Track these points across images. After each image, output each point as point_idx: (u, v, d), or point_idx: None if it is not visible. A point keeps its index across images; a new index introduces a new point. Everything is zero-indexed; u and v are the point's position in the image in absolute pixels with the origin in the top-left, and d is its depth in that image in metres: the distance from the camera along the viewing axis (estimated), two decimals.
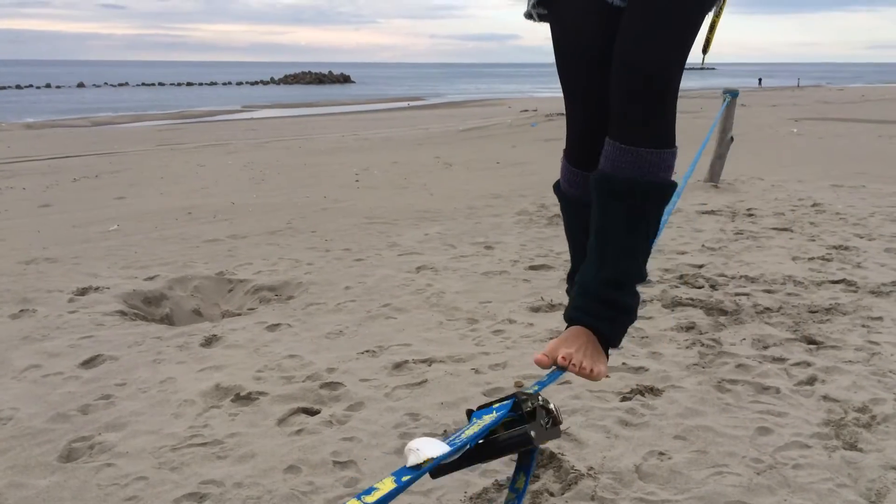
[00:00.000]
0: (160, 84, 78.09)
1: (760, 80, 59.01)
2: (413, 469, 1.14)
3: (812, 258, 5.43)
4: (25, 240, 6.91)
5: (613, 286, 1.68)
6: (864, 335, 3.88)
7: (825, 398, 3.15)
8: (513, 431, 1.35)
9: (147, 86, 75.23)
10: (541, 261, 5.53)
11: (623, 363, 3.55)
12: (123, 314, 4.60)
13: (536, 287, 4.88)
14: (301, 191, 9.42)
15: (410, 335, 4.05)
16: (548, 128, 19.42)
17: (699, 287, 4.78)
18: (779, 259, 5.43)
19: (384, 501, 1.03)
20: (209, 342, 4.05)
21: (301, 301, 4.76)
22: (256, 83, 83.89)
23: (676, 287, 4.73)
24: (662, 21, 1.60)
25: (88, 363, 3.77)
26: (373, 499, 1.03)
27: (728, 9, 2.03)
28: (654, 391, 3.25)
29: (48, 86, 67.80)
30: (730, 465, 2.65)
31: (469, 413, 1.40)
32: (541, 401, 1.39)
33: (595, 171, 1.71)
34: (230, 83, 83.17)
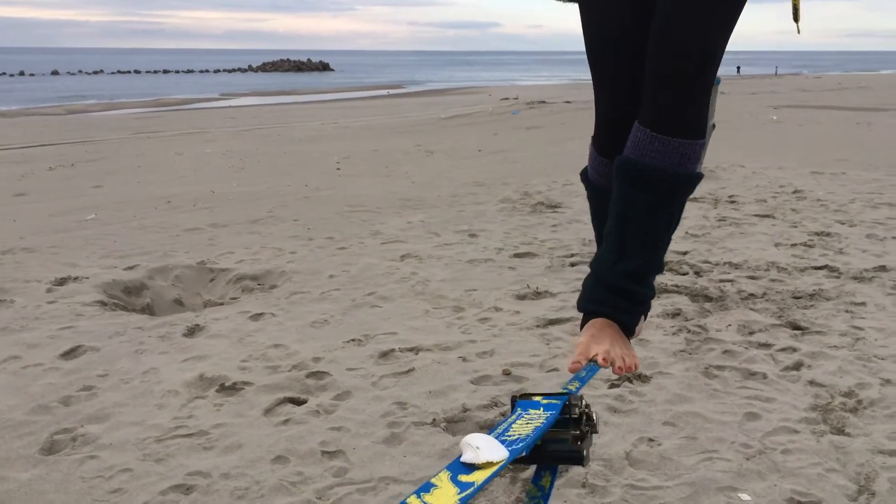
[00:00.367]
0: (136, 72, 77.02)
1: (739, 69, 59.22)
2: (468, 466, 1.07)
3: (794, 244, 5.46)
4: (1, 229, 6.79)
5: (633, 279, 1.61)
6: (848, 320, 3.90)
7: (811, 383, 3.17)
8: (565, 447, 1.31)
9: (122, 73, 74.21)
10: (525, 248, 5.51)
11: None
12: (103, 304, 4.53)
13: (522, 275, 4.86)
14: (282, 179, 9.33)
15: (396, 323, 4.02)
16: (529, 116, 19.40)
17: (684, 274, 4.79)
18: (762, 245, 5.46)
19: None
20: (192, 332, 4.00)
21: (284, 290, 4.71)
22: (234, 71, 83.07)
23: (661, 274, 4.73)
24: (705, 0, 1.49)
25: (69, 354, 3.70)
26: (434, 500, 0.97)
27: None
28: (642, 378, 3.25)
29: (22, 73, 66.63)
30: (719, 451, 2.65)
31: (513, 401, 1.35)
32: (585, 406, 1.33)
33: (620, 156, 1.60)
34: (207, 71, 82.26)
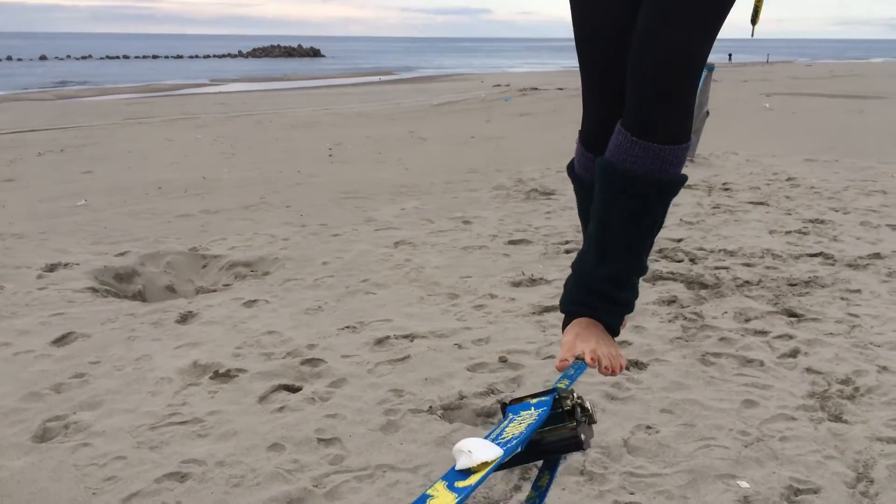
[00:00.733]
0: (125, 57, 76.30)
1: (730, 56, 59.13)
2: (464, 472, 1.06)
3: (789, 231, 5.45)
4: None
5: (615, 284, 1.58)
6: (844, 308, 3.90)
7: (808, 370, 3.16)
8: (562, 434, 1.27)
9: (112, 58, 73.51)
10: (520, 235, 5.49)
11: None
12: (95, 291, 4.49)
13: (516, 262, 4.84)
14: (274, 165, 9.27)
15: (391, 310, 4.00)
16: (521, 102, 19.34)
17: (679, 261, 4.77)
18: (756, 233, 5.45)
19: None
20: (185, 319, 3.96)
21: (278, 277, 4.68)
22: (224, 56, 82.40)
23: (656, 261, 4.72)
24: None
25: (60, 341, 3.67)
26: None
27: None
28: (639, 365, 3.24)
29: (9, 58, 65.94)
30: (717, 438, 2.64)
31: (503, 407, 1.32)
32: (577, 398, 1.31)
33: (601, 157, 1.55)
34: (197, 56, 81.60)
